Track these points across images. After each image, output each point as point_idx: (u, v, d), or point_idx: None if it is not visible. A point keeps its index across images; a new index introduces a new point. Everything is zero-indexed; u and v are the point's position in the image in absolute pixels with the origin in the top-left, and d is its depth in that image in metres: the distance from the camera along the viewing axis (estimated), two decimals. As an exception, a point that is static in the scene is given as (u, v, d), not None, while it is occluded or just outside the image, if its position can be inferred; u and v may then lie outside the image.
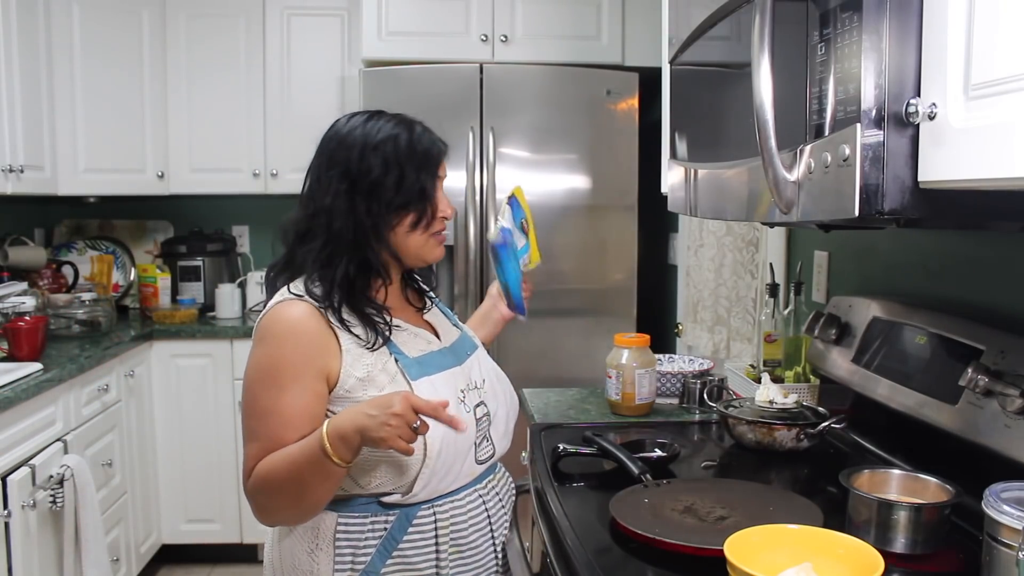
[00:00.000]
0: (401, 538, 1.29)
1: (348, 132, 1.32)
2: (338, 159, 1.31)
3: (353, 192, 1.29)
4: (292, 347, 1.26)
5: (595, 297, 3.05)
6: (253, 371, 1.28)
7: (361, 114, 1.36)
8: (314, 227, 1.31)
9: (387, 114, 1.35)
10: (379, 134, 1.30)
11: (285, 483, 1.22)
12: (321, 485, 1.21)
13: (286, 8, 3.38)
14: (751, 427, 1.62)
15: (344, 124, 1.35)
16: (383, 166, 1.29)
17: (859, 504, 1.17)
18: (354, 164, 1.29)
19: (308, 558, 1.29)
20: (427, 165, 1.32)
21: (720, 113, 1.39)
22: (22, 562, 2.12)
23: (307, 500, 1.23)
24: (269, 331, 1.28)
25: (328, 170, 1.31)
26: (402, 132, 1.31)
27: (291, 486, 1.22)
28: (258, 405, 1.26)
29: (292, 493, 1.22)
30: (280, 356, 1.26)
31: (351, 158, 1.30)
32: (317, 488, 1.21)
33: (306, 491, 1.22)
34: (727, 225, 2.55)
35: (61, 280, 3.30)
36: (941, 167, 0.82)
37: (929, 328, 1.44)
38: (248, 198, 3.64)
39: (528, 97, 2.97)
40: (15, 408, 2.17)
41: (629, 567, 1.19)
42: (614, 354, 1.92)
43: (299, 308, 1.28)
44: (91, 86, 3.20)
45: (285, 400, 1.24)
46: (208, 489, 3.26)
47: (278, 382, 1.24)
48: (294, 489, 1.22)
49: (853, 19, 0.88)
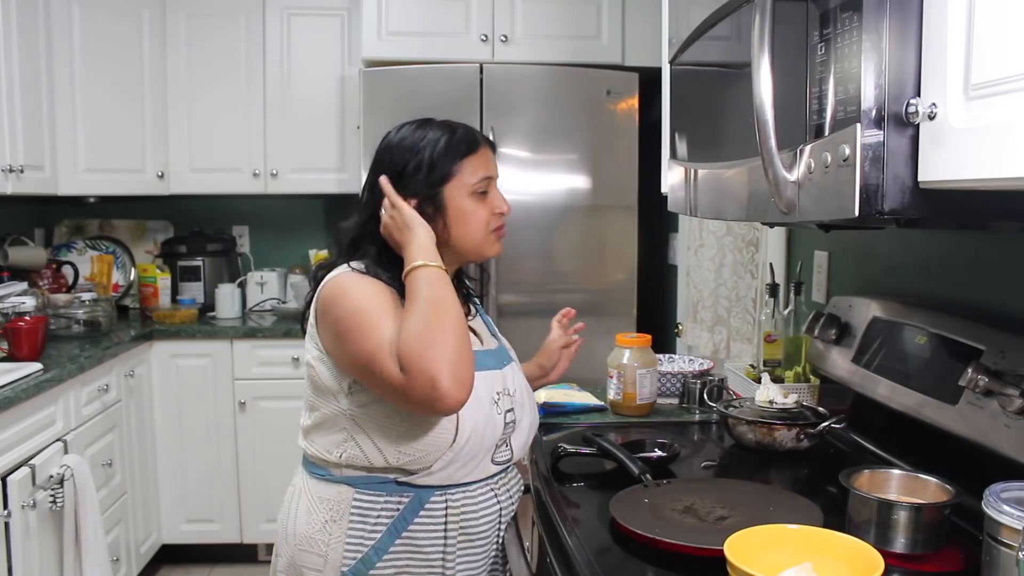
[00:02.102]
0: (412, 519, 1.33)
1: (399, 140, 1.40)
2: (386, 165, 1.38)
3: (400, 195, 1.35)
4: (377, 289, 1.31)
5: (595, 297, 3.05)
6: (349, 316, 1.28)
7: (412, 123, 1.42)
8: (367, 233, 1.38)
9: (436, 121, 1.42)
10: (424, 139, 1.37)
11: (424, 315, 1.24)
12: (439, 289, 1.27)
13: (286, 8, 3.38)
14: (751, 427, 1.62)
15: (395, 133, 1.42)
16: (426, 166, 1.36)
17: (859, 504, 1.17)
18: (399, 168, 1.36)
19: (322, 529, 1.34)
20: (465, 155, 1.38)
21: (720, 113, 1.39)
22: (22, 562, 2.12)
23: (442, 313, 1.25)
24: (349, 284, 1.32)
25: (378, 175, 1.38)
26: (445, 134, 1.38)
27: (427, 314, 1.24)
28: (369, 332, 1.26)
29: (433, 318, 1.24)
30: (371, 294, 1.30)
31: (397, 163, 1.37)
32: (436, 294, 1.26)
33: (434, 306, 1.25)
34: (727, 225, 2.55)
35: (61, 280, 3.30)
36: (941, 167, 0.82)
37: (929, 328, 1.44)
38: (248, 198, 3.64)
39: (528, 97, 2.97)
40: (15, 408, 2.17)
41: (629, 567, 1.19)
42: (615, 354, 1.92)
43: (366, 277, 1.34)
44: (91, 86, 3.20)
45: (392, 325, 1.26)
46: (208, 489, 3.25)
47: (381, 310, 1.27)
48: (432, 314, 1.24)
49: (853, 19, 0.88)
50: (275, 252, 3.78)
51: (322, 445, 1.37)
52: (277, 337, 3.18)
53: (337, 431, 1.35)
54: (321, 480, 1.37)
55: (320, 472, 1.38)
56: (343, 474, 1.35)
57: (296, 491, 1.42)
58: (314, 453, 1.38)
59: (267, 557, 3.37)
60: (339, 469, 1.35)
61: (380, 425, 1.31)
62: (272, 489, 3.09)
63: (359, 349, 1.26)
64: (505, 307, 2.98)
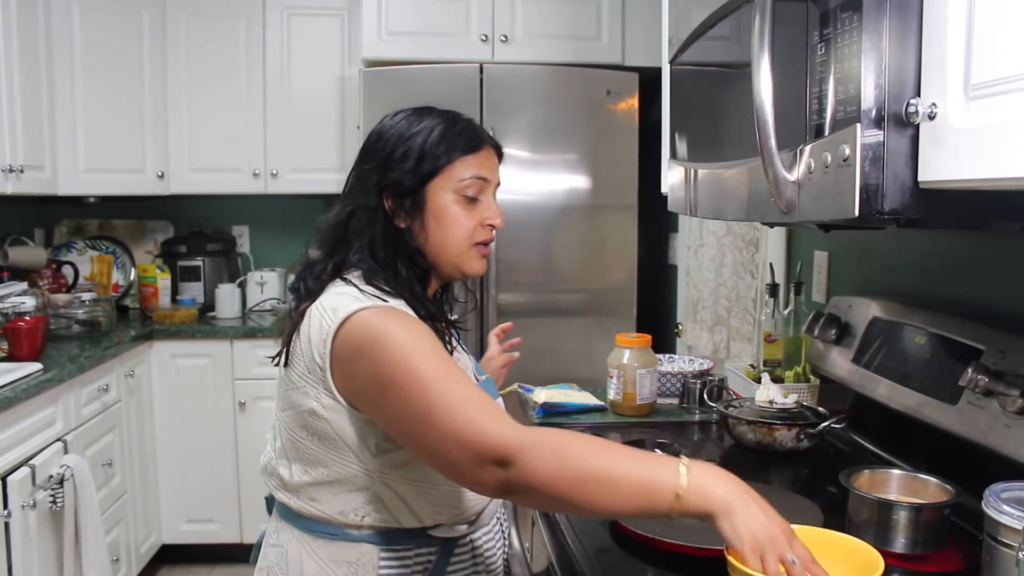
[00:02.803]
0: (445, 569, 1.21)
1: (391, 125, 1.23)
2: (373, 153, 1.22)
3: (383, 185, 1.20)
4: (417, 324, 1.11)
5: (595, 297, 3.05)
6: (402, 357, 1.05)
7: (408, 110, 1.25)
8: (354, 225, 1.21)
9: (437, 109, 1.26)
10: (419, 125, 1.21)
11: (592, 472, 0.98)
12: (616, 501, 0.98)
13: (286, 8, 3.38)
14: (751, 427, 1.62)
15: (390, 118, 1.25)
16: (414, 155, 1.19)
17: (859, 504, 1.17)
18: (384, 154, 1.20)
19: None
20: (463, 151, 1.21)
21: (720, 113, 1.39)
22: (22, 562, 2.12)
23: (587, 500, 0.98)
24: (386, 322, 1.08)
25: (363, 164, 1.23)
26: (442, 123, 1.21)
27: (595, 480, 0.98)
28: (438, 374, 1.04)
29: (587, 486, 0.98)
30: (417, 331, 1.09)
31: (383, 149, 1.21)
32: (609, 501, 0.98)
33: (596, 496, 0.98)
34: (727, 225, 2.55)
35: (61, 280, 3.30)
36: (941, 167, 0.82)
37: (929, 328, 1.44)
38: (248, 198, 3.64)
39: (528, 97, 2.97)
40: (15, 408, 2.17)
41: (629, 567, 1.19)
42: (615, 354, 1.92)
43: (391, 308, 1.13)
44: (91, 86, 3.20)
45: (454, 366, 1.07)
46: (208, 489, 3.25)
47: (434, 350, 1.07)
48: (593, 486, 0.98)
49: (853, 19, 0.88)
50: (275, 252, 3.78)
51: (332, 506, 1.16)
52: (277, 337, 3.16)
53: (356, 491, 1.15)
54: (332, 541, 1.17)
55: (329, 532, 1.17)
56: (363, 533, 1.17)
57: (287, 555, 1.19)
58: (315, 513, 1.17)
59: (267, 557, 3.37)
60: (358, 529, 1.17)
61: (418, 488, 1.15)
62: (272, 489, 3.09)
63: (409, 403, 1.04)
64: (505, 307, 2.98)
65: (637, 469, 0.98)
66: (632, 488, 0.97)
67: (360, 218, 1.20)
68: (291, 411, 1.18)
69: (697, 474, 0.95)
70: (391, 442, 1.13)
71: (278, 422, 1.22)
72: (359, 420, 1.13)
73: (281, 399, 1.21)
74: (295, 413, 1.17)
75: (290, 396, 1.18)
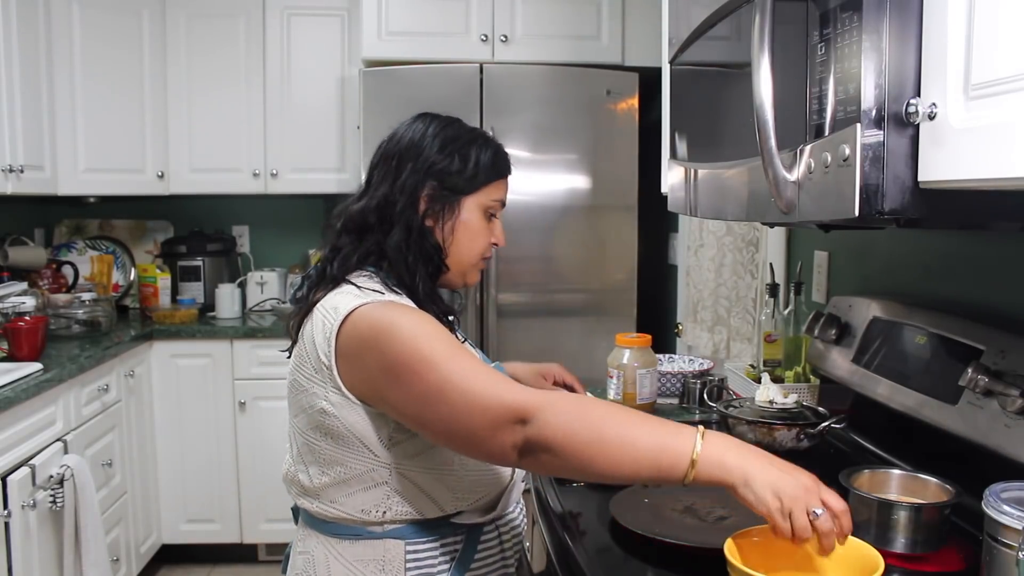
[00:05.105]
0: (473, 556, 1.22)
1: (439, 132, 1.27)
2: (418, 151, 1.25)
3: (427, 183, 1.24)
4: (418, 312, 1.15)
5: (595, 297, 3.05)
6: (410, 342, 1.07)
7: (437, 118, 1.30)
8: (387, 213, 1.22)
9: (465, 124, 1.32)
10: (472, 142, 1.28)
11: (604, 436, 1.00)
12: (632, 461, 0.99)
13: (286, 8, 3.39)
14: (751, 427, 1.62)
15: (428, 126, 1.28)
16: (471, 165, 1.26)
17: (859, 504, 1.17)
18: (436, 161, 1.24)
19: None
20: (499, 176, 1.31)
21: (720, 113, 1.39)
22: (22, 562, 2.12)
23: (605, 461, 1.00)
24: (389, 313, 1.12)
25: (404, 159, 1.25)
26: (490, 148, 1.30)
27: (605, 444, 1.00)
28: (447, 353, 1.07)
29: (599, 449, 1.00)
30: (420, 318, 1.12)
31: (433, 152, 1.25)
32: (627, 462, 0.99)
33: (614, 457, 0.99)
34: (727, 225, 2.55)
35: (61, 280, 3.30)
36: (941, 167, 0.82)
37: (929, 328, 1.44)
38: (248, 198, 3.64)
39: (528, 97, 2.97)
40: (15, 408, 2.17)
41: (629, 567, 1.19)
42: (615, 354, 1.92)
43: (399, 304, 1.16)
44: (91, 86, 3.20)
45: (460, 346, 1.10)
46: (208, 489, 3.25)
47: (438, 334, 1.10)
48: (607, 448, 1.00)
49: (853, 19, 0.88)
50: (275, 252, 3.78)
51: (352, 505, 1.17)
52: (277, 337, 3.17)
53: (374, 487, 1.16)
54: (357, 541, 1.18)
55: (353, 533, 1.18)
56: (387, 529, 1.18)
57: (314, 561, 1.20)
58: (337, 515, 1.18)
59: (267, 557, 3.38)
60: (381, 526, 1.18)
61: (435, 475, 1.17)
62: (272, 489, 3.10)
63: (421, 384, 1.06)
64: (505, 307, 2.98)
65: (655, 432, 1.00)
66: (649, 450, 0.99)
67: (397, 206, 1.22)
68: (303, 415, 1.19)
69: (713, 443, 0.98)
70: (403, 432, 1.14)
71: (292, 428, 1.24)
72: (369, 413, 1.14)
73: (292, 405, 1.23)
74: (306, 416, 1.18)
75: (300, 400, 1.19)
